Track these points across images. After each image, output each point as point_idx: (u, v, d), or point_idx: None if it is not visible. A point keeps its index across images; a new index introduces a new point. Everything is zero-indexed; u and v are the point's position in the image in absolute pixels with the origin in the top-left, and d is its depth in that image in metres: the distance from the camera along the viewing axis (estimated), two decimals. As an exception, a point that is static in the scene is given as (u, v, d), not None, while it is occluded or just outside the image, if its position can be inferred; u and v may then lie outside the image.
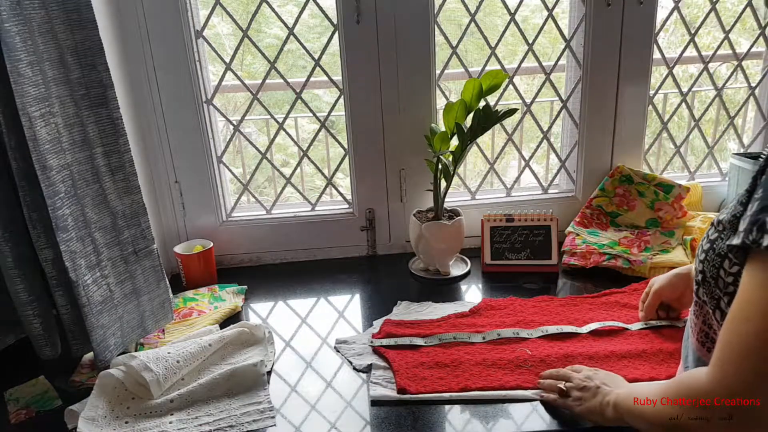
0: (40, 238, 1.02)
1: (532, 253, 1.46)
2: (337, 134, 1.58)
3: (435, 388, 1.01)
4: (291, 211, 1.59)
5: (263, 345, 1.17)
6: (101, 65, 1.03)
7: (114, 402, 1.01)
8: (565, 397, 0.93)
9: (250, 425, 0.96)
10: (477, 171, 3.93)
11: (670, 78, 1.57)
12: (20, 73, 0.91)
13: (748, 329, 0.54)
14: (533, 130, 3.24)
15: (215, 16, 2.58)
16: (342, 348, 1.17)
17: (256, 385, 1.05)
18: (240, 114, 1.58)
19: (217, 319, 1.29)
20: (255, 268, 1.57)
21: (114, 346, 1.09)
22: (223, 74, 1.45)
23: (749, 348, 0.54)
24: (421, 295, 1.36)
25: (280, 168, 1.61)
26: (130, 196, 1.11)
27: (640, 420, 0.76)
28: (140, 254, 1.14)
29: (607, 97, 1.53)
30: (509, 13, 1.46)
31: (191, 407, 1.00)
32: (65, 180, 1.00)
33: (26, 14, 0.92)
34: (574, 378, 0.93)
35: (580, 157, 1.59)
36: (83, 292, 1.02)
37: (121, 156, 1.09)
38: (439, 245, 1.43)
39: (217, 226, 1.56)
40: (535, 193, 1.64)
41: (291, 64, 4.15)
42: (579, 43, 1.49)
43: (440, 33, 1.46)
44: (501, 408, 0.98)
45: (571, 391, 0.92)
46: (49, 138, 0.97)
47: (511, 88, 1.55)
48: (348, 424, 0.96)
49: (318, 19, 3.64)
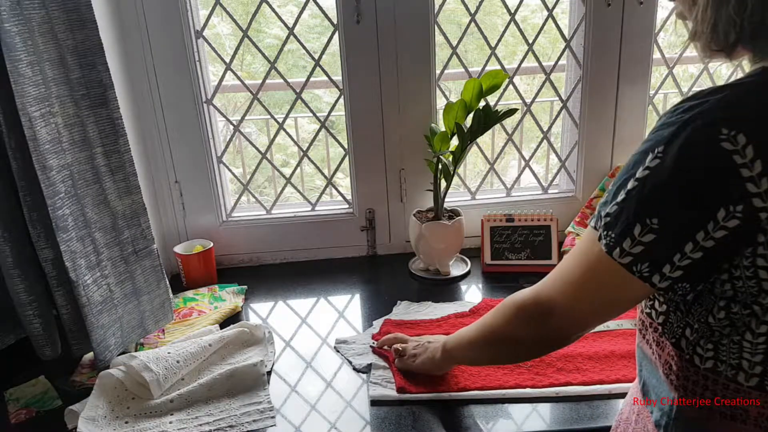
0: (40, 238, 1.02)
1: (532, 253, 1.46)
2: (337, 134, 1.58)
3: (435, 387, 1.01)
4: (291, 211, 1.59)
5: (263, 345, 1.17)
6: (101, 65, 1.03)
7: (114, 402, 1.01)
8: (401, 357, 1.06)
9: (250, 425, 0.96)
10: (477, 171, 3.93)
11: (670, 78, 1.57)
12: (20, 73, 0.91)
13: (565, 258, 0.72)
14: (533, 130, 3.24)
15: (215, 16, 2.58)
16: (342, 348, 1.17)
17: (256, 385, 1.05)
18: (240, 114, 1.58)
19: (217, 319, 1.29)
20: (255, 268, 1.57)
21: (114, 346, 1.09)
22: (223, 74, 1.45)
23: (558, 268, 0.71)
24: (421, 295, 1.36)
25: (280, 168, 1.61)
26: (130, 196, 1.11)
27: (467, 347, 0.90)
28: (140, 254, 1.14)
29: (607, 97, 1.53)
30: (509, 13, 1.46)
31: (191, 407, 1.00)
32: (65, 180, 1.00)
33: (26, 14, 0.92)
34: (408, 342, 1.08)
35: (580, 157, 1.59)
36: (83, 292, 1.02)
37: (121, 156, 1.09)
38: (439, 245, 1.43)
39: (217, 226, 1.56)
40: (535, 193, 1.64)
41: (291, 64, 4.15)
42: (579, 43, 1.49)
43: (440, 33, 1.46)
44: (500, 408, 0.98)
45: (406, 351, 1.05)
46: (49, 138, 0.97)
47: (511, 88, 1.55)
48: (348, 424, 0.96)
49: (318, 19, 3.64)
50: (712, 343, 0.62)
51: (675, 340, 0.66)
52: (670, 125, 0.58)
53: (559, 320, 0.71)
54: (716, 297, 0.61)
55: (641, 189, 0.59)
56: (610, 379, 1.01)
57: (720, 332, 0.62)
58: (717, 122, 0.55)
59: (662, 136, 0.58)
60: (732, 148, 0.54)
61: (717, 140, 0.54)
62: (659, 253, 0.59)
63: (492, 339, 0.84)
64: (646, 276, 0.61)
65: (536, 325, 0.74)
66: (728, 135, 0.54)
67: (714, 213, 0.56)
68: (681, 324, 0.65)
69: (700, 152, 0.56)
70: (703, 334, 0.63)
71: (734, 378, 0.62)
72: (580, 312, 0.69)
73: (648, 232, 0.59)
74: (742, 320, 0.60)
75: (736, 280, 0.58)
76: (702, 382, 0.64)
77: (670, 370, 0.68)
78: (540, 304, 0.72)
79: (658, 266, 0.60)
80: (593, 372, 1.03)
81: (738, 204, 0.55)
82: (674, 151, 0.56)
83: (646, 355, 0.73)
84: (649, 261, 0.60)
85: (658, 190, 0.58)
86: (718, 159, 0.54)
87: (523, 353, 0.84)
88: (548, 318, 0.71)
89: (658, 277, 0.60)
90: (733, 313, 0.60)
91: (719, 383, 0.63)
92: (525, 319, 0.75)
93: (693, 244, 0.57)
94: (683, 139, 0.56)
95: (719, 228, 0.56)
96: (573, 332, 0.73)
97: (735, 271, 0.58)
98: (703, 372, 0.64)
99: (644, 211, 0.59)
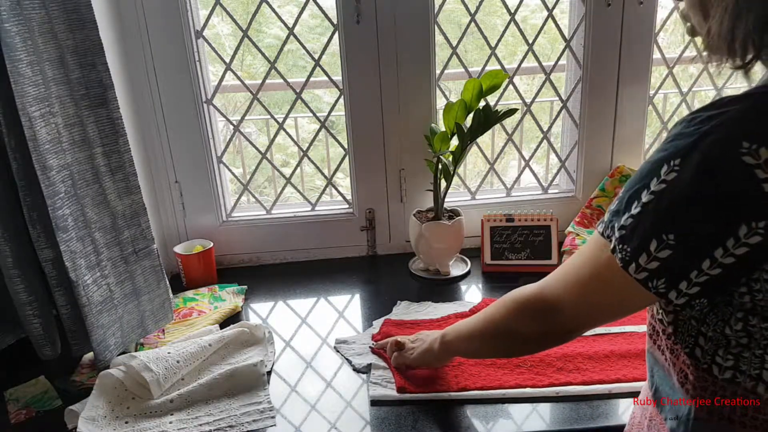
0: (40, 238, 1.02)
1: (532, 253, 1.46)
2: (337, 134, 1.58)
3: (435, 387, 1.01)
4: (291, 211, 1.59)
5: (263, 345, 1.17)
6: (101, 65, 1.03)
7: (114, 402, 1.01)
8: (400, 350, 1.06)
9: (250, 425, 0.96)
10: (477, 171, 3.93)
11: (670, 78, 1.57)
12: (20, 73, 0.91)
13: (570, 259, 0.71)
14: (533, 130, 3.24)
15: (215, 16, 2.58)
16: (342, 348, 1.17)
17: (256, 385, 1.05)
18: (240, 114, 1.58)
19: (217, 319, 1.29)
20: (255, 268, 1.57)
21: (114, 346, 1.09)
22: (223, 74, 1.45)
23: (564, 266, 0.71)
24: (421, 295, 1.36)
25: (280, 168, 1.61)
26: (130, 196, 1.11)
27: (466, 339, 0.90)
28: (140, 254, 1.14)
29: (607, 97, 1.53)
30: (509, 13, 1.46)
31: (191, 407, 1.00)
32: (65, 180, 1.00)
33: (26, 14, 0.92)
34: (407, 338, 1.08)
35: (580, 157, 1.59)
36: (83, 292, 1.02)
37: (121, 156, 1.09)
38: (439, 245, 1.43)
39: (217, 226, 1.56)
40: (535, 193, 1.64)
41: (291, 64, 4.15)
42: (579, 43, 1.49)
43: (440, 33, 1.46)
44: (500, 408, 0.98)
45: (405, 344, 1.06)
46: (49, 138, 0.97)
47: (511, 88, 1.55)
48: (348, 424, 0.96)
49: (318, 19, 3.64)
50: (732, 355, 0.61)
51: (689, 349, 0.64)
52: (687, 136, 0.55)
53: (565, 318, 0.71)
54: (734, 308, 0.59)
55: (658, 203, 0.57)
56: (610, 379, 1.01)
57: (737, 343, 0.60)
58: (737, 135, 0.52)
59: (678, 148, 0.55)
60: (754, 162, 0.51)
61: (738, 154, 0.52)
62: (676, 270, 0.57)
63: (494, 332, 0.83)
64: (663, 292, 0.59)
65: (541, 321, 0.74)
66: (749, 149, 0.51)
67: (735, 229, 0.53)
68: (693, 332, 0.64)
69: (720, 166, 0.53)
70: (719, 343, 0.61)
71: (753, 389, 0.60)
72: (586, 312, 0.69)
73: (665, 248, 0.57)
74: (761, 333, 0.58)
75: (757, 293, 0.56)
76: (720, 392, 0.62)
77: (686, 378, 0.66)
78: (545, 301, 0.72)
79: (675, 283, 0.58)
80: (593, 372, 1.03)
81: (761, 220, 0.52)
82: (692, 165, 0.54)
83: (657, 361, 0.72)
84: (665, 277, 0.58)
85: (676, 205, 0.56)
86: (739, 173, 0.52)
87: (524, 348, 0.84)
88: (554, 315, 0.71)
89: (675, 294, 0.59)
90: (751, 326, 0.58)
91: (738, 393, 0.61)
92: (529, 314, 0.75)
93: (711, 260, 0.55)
94: (701, 153, 0.54)
95: (741, 245, 0.54)
96: (577, 330, 0.73)
97: (755, 285, 0.56)
98: (721, 382, 0.62)
99: (661, 227, 0.57)
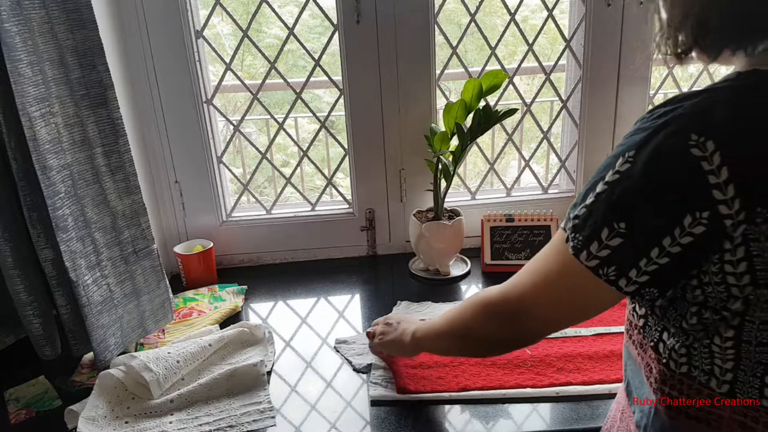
0: (40, 238, 1.02)
1: (532, 253, 1.46)
2: (337, 134, 1.58)
3: (435, 387, 1.01)
4: (291, 211, 1.59)
5: (263, 345, 1.17)
6: (101, 65, 1.03)
7: (114, 402, 1.01)
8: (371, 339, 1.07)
9: (250, 425, 0.96)
10: (477, 171, 3.93)
11: (670, 78, 1.57)
12: (20, 73, 0.91)
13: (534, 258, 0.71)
14: (533, 130, 3.24)
15: (215, 16, 2.58)
16: (342, 348, 1.17)
17: (256, 385, 1.05)
18: (240, 114, 1.58)
19: (217, 319, 1.29)
20: (255, 268, 1.57)
21: (114, 346, 1.09)
22: (223, 74, 1.45)
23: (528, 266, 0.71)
24: (421, 295, 1.36)
25: (280, 168, 1.61)
26: (130, 196, 1.11)
27: (435, 338, 0.90)
28: (140, 254, 1.14)
29: (607, 97, 1.53)
30: (509, 13, 1.46)
31: (191, 407, 1.00)
32: (65, 180, 1.00)
33: (26, 14, 0.92)
34: (378, 323, 1.08)
35: (580, 157, 1.59)
36: (83, 292, 1.02)
37: (121, 156, 1.09)
38: (439, 245, 1.43)
39: (217, 226, 1.56)
40: (535, 193, 1.64)
41: (291, 64, 4.16)
42: (579, 43, 1.49)
43: (440, 33, 1.46)
44: (500, 408, 0.98)
45: (375, 329, 1.07)
46: (49, 138, 0.97)
47: (511, 88, 1.55)
48: (348, 424, 0.96)
49: (318, 19, 3.65)
50: (686, 348, 0.63)
51: (654, 344, 0.67)
52: (643, 130, 0.58)
53: (528, 321, 0.71)
54: (688, 302, 0.61)
55: (610, 193, 0.59)
56: (610, 379, 1.01)
57: (693, 336, 0.62)
58: (687, 128, 0.55)
59: (634, 141, 0.58)
60: (700, 155, 0.54)
61: (686, 146, 0.54)
62: (626, 257, 0.59)
63: (459, 333, 0.83)
64: (612, 280, 0.61)
65: (505, 324, 0.74)
66: (697, 141, 0.54)
67: (681, 219, 0.56)
68: (659, 328, 0.66)
69: (669, 158, 0.56)
70: (678, 338, 0.63)
71: (707, 384, 0.62)
72: (548, 313, 0.69)
73: (615, 236, 0.59)
74: (714, 325, 0.60)
75: (706, 285, 0.58)
76: (678, 386, 0.64)
77: (651, 372, 0.68)
78: (509, 303, 0.72)
79: (625, 270, 0.60)
80: (593, 372, 1.03)
81: (704, 211, 0.55)
82: (644, 157, 0.57)
83: (631, 355, 0.74)
84: (615, 265, 0.60)
85: (627, 195, 0.58)
86: (687, 165, 0.54)
87: (490, 349, 0.84)
88: (517, 317, 0.71)
89: (624, 281, 0.60)
90: (704, 319, 0.60)
91: (693, 388, 0.63)
92: (493, 317, 0.75)
93: (659, 249, 0.57)
94: (654, 145, 0.56)
95: (685, 234, 0.56)
96: (542, 332, 0.73)
97: (704, 277, 0.58)
98: (678, 376, 0.64)
99: (612, 215, 0.59)
